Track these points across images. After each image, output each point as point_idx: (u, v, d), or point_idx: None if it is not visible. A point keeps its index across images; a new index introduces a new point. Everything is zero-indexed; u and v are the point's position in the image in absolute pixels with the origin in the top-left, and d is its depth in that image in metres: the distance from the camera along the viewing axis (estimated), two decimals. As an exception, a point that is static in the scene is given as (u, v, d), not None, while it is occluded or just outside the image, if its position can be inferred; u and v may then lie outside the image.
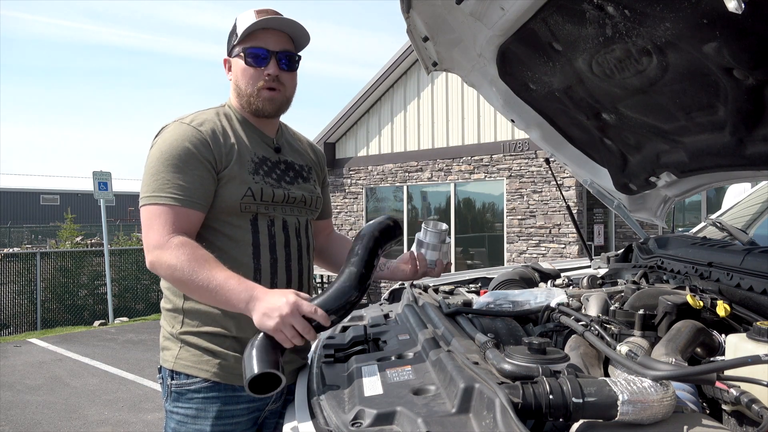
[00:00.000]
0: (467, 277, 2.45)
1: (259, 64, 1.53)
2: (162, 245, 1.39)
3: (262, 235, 1.54)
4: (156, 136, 1.52)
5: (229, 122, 1.57)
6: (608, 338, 1.18)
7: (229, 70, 1.60)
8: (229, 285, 1.34)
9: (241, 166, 1.52)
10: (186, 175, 1.44)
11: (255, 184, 1.52)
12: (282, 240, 1.57)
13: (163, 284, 1.55)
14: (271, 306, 1.28)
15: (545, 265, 2.36)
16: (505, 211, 10.07)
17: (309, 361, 1.57)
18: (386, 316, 1.82)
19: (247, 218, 1.52)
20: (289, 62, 1.57)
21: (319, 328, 1.31)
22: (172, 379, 1.50)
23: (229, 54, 1.60)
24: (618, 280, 1.99)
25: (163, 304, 1.58)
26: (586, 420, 0.93)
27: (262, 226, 1.54)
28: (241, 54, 1.54)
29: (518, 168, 9.87)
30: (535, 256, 9.55)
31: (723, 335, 1.28)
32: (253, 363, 1.22)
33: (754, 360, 0.89)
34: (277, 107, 1.58)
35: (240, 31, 1.53)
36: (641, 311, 1.31)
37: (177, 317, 1.53)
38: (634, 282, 1.78)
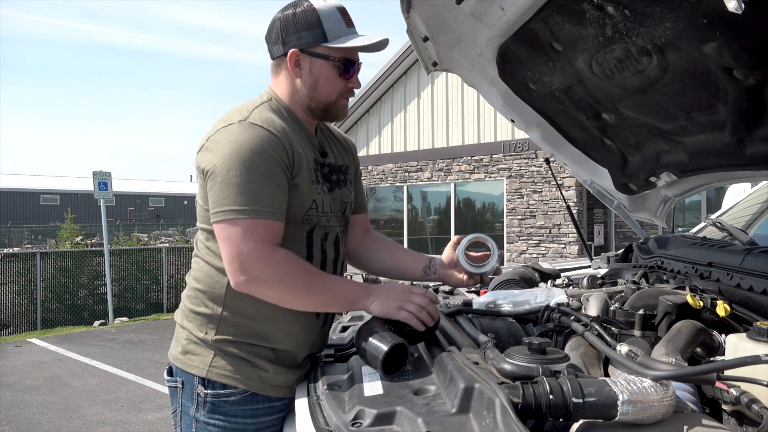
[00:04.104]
0: (467, 277, 2.44)
1: (349, 76, 1.49)
2: (266, 261, 1.32)
3: (315, 250, 1.47)
4: (216, 135, 1.38)
5: (284, 122, 1.45)
6: (608, 338, 1.18)
7: (297, 65, 1.46)
8: (344, 285, 1.39)
9: (306, 174, 1.43)
10: (272, 185, 1.35)
11: (318, 195, 1.45)
12: (332, 256, 1.52)
13: (199, 287, 1.45)
14: (390, 289, 1.37)
15: (545, 265, 2.36)
16: (505, 211, 10.08)
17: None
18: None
19: (304, 230, 1.45)
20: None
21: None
22: (206, 387, 1.41)
23: (304, 49, 1.45)
24: (618, 280, 1.99)
25: (192, 306, 1.46)
26: (586, 420, 0.93)
27: (317, 240, 1.47)
28: (336, 61, 1.46)
29: (518, 168, 9.88)
30: (535, 256, 9.55)
31: (723, 335, 1.28)
32: (381, 342, 1.21)
33: (754, 360, 0.89)
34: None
35: (332, 34, 1.44)
36: (641, 311, 1.32)
37: (210, 324, 1.43)
38: (634, 282, 1.78)
